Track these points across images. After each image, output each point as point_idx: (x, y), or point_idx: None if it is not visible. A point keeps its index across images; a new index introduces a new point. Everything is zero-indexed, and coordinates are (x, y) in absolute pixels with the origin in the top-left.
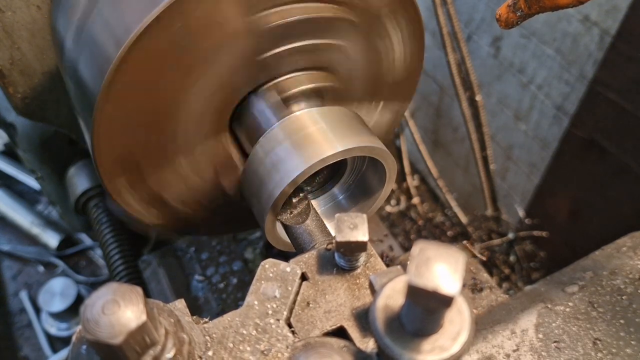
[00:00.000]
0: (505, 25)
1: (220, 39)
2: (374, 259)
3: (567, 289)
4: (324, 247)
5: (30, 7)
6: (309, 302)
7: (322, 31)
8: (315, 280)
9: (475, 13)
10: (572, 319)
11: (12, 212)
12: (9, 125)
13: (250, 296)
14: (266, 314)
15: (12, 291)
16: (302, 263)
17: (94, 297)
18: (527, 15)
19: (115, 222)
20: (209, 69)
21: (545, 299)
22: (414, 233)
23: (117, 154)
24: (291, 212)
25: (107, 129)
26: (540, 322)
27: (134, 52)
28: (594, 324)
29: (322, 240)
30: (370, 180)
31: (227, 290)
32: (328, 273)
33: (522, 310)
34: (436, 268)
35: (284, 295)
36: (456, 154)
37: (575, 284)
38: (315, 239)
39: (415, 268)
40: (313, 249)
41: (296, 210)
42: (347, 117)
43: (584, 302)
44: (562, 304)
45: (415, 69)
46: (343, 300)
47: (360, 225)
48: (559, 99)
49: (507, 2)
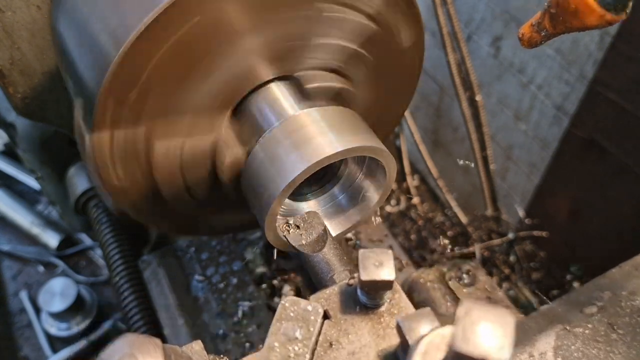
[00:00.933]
0: (528, 45)
1: (228, 37)
2: (398, 295)
3: (585, 310)
4: (345, 282)
5: (30, 7)
6: (331, 343)
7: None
8: (338, 319)
9: (475, 13)
10: (592, 341)
11: (12, 212)
12: (9, 125)
13: (270, 337)
14: (288, 357)
15: (12, 291)
16: (324, 300)
17: (110, 351)
18: (552, 35)
19: (115, 222)
20: (217, 64)
21: (563, 320)
22: (414, 233)
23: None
24: (307, 237)
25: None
26: (559, 345)
27: (134, 51)
28: (614, 347)
29: (341, 269)
30: (370, 180)
31: (227, 290)
32: (351, 311)
33: (540, 331)
34: (484, 333)
35: (306, 336)
36: (456, 154)
37: (593, 304)
38: (333, 269)
39: (462, 332)
40: (333, 282)
41: (311, 234)
42: (347, 116)
43: (603, 323)
44: (581, 326)
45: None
46: (367, 341)
47: (386, 262)
48: (559, 99)
49: (530, 21)
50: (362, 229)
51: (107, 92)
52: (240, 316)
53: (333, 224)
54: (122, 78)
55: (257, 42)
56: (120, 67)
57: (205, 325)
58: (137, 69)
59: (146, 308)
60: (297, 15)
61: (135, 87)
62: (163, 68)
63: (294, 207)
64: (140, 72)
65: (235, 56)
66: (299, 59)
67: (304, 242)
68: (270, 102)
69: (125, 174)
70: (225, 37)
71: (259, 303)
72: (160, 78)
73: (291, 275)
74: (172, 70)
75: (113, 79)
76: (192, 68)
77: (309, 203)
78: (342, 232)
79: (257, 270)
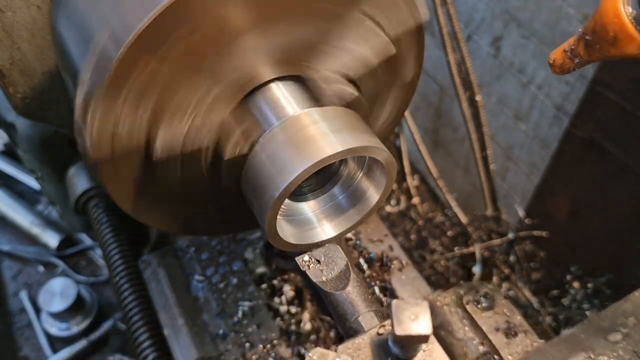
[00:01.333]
0: (560, 71)
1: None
2: (432, 346)
3: (609, 337)
4: (376, 331)
5: (30, 7)
6: None
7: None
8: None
9: (475, 13)
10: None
11: (12, 212)
12: (9, 125)
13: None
14: None
15: (12, 291)
16: (352, 351)
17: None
18: (586, 62)
19: (115, 222)
20: (217, 63)
21: (587, 347)
22: (414, 233)
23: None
24: (328, 274)
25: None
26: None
27: (133, 52)
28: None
29: (366, 311)
30: (370, 180)
31: (227, 290)
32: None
33: (563, 359)
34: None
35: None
36: (456, 154)
37: (617, 331)
38: (357, 310)
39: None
40: (358, 324)
41: (333, 269)
42: (347, 116)
43: (628, 351)
44: (606, 354)
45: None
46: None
47: (422, 315)
48: (559, 99)
49: (562, 47)
50: (362, 229)
51: (106, 92)
52: (240, 316)
53: (333, 224)
54: (121, 77)
55: (258, 43)
56: (120, 65)
57: (205, 325)
58: (139, 67)
59: (146, 308)
60: (311, 18)
61: (135, 86)
62: (164, 66)
63: (294, 207)
64: (141, 69)
65: (237, 56)
66: (310, 62)
67: (325, 279)
68: (270, 102)
69: (125, 171)
70: (225, 36)
71: (259, 303)
72: (161, 77)
73: (291, 275)
74: (172, 68)
75: (113, 78)
76: (192, 68)
77: (309, 203)
78: (342, 232)
79: (257, 270)
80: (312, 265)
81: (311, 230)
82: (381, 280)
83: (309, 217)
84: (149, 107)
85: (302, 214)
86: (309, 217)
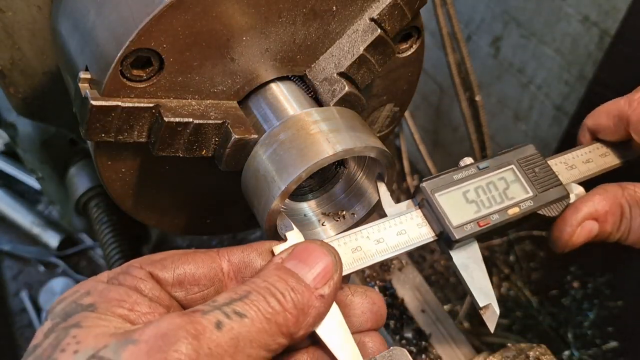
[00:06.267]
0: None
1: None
2: None
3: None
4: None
5: (31, 7)
6: None
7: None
8: None
9: (475, 13)
10: None
11: (12, 212)
12: (9, 125)
13: None
14: None
15: (13, 291)
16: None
17: None
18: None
19: (116, 222)
20: (218, 63)
21: None
22: None
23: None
24: None
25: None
26: None
27: (133, 51)
28: None
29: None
30: (370, 180)
31: None
32: None
33: None
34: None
35: None
36: (456, 154)
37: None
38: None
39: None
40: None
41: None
42: (347, 116)
43: None
44: None
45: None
46: None
47: None
48: (559, 99)
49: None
50: None
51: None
52: None
53: (333, 224)
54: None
55: (258, 43)
56: (119, 65)
57: None
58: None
59: None
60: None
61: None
62: (166, 65)
63: (293, 207)
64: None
65: (236, 57)
66: (310, 62)
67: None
68: (270, 102)
69: (128, 169)
70: (225, 37)
71: None
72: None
73: None
74: (173, 67)
75: (114, 77)
76: (192, 68)
77: (309, 203)
78: (342, 232)
79: None
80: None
81: (311, 230)
82: (381, 280)
83: (309, 217)
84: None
85: (302, 213)
86: (309, 217)
